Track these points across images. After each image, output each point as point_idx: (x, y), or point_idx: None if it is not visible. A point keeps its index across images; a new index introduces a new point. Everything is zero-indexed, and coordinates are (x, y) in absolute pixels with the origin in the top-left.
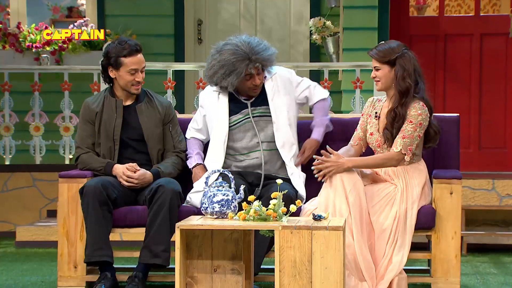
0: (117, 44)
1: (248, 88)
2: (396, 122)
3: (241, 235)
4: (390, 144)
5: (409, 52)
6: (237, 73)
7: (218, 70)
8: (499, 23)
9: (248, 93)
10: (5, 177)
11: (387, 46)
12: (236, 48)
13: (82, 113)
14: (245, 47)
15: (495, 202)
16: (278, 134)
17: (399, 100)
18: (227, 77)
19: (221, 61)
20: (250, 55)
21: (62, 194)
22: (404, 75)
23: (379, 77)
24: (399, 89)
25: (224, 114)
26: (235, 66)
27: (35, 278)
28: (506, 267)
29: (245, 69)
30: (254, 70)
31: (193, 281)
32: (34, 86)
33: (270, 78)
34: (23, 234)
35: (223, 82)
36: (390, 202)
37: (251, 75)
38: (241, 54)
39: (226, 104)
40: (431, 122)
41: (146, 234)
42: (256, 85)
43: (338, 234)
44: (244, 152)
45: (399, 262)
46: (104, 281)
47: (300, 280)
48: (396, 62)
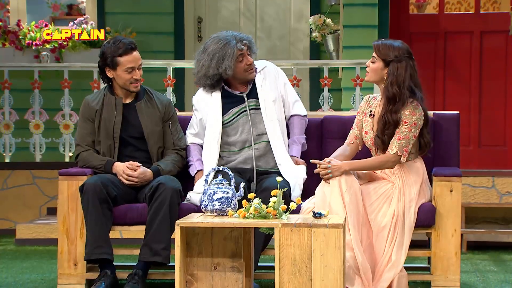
0: (112, 44)
1: (244, 70)
2: (386, 130)
3: (241, 233)
4: (381, 150)
5: (410, 61)
6: (230, 55)
7: (210, 63)
8: (499, 20)
9: (246, 77)
10: (5, 175)
11: (390, 43)
12: (217, 37)
13: (82, 111)
14: (224, 34)
15: (495, 200)
16: (268, 127)
17: (387, 106)
18: (221, 64)
19: (209, 54)
20: (233, 36)
21: (62, 191)
22: (393, 82)
23: (370, 69)
24: (386, 94)
25: (217, 112)
26: (225, 49)
27: (35, 275)
28: (506, 265)
29: (235, 48)
30: (244, 47)
31: (193, 279)
32: (34, 83)
33: (259, 72)
34: (23, 231)
35: (220, 69)
36: (387, 200)
37: (242, 55)
38: (225, 38)
39: (219, 101)
40: (424, 133)
41: (146, 232)
42: (250, 64)
43: (338, 232)
44: (241, 147)
45: (398, 260)
46: (104, 278)
47: (300, 277)
48: (390, 64)
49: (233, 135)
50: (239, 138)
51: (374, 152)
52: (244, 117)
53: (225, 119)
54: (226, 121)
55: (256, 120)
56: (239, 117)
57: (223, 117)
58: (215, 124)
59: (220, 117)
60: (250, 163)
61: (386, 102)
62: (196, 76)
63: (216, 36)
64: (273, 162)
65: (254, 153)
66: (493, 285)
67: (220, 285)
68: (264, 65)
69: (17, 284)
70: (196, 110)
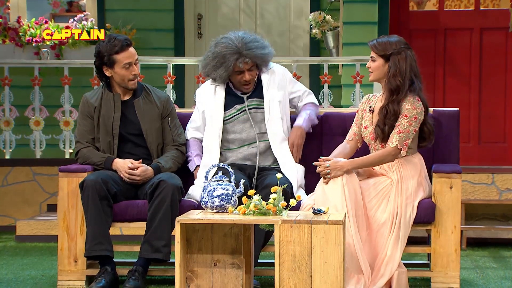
0: (107, 43)
1: (238, 83)
2: (387, 119)
3: (241, 229)
4: (381, 140)
5: (408, 51)
6: (226, 66)
7: (210, 61)
8: (499, 17)
9: (239, 88)
10: (5, 172)
11: (386, 39)
12: (229, 42)
13: (81, 109)
14: (238, 42)
15: (494, 196)
16: (270, 126)
17: (389, 97)
18: (217, 69)
19: (214, 53)
20: (241, 50)
21: (62, 188)
22: (396, 73)
23: (373, 68)
24: (389, 86)
25: (219, 108)
26: (225, 58)
27: (35, 272)
28: (505, 261)
29: (234, 63)
30: (243, 65)
31: (193, 275)
32: (34, 80)
33: (266, 71)
34: (23, 228)
35: (213, 74)
36: (386, 196)
37: (241, 71)
38: (232, 48)
39: (222, 98)
40: (426, 121)
41: (147, 229)
42: (247, 81)
43: (338, 228)
44: (241, 144)
45: (394, 255)
46: (104, 275)
47: (300, 274)
48: (390, 58)
49: (232, 133)
50: (237, 136)
51: (373, 146)
52: (244, 115)
53: (226, 116)
54: (226, 118)
55: (258, 119)
56: (237, 116)
57: (225, 113)
58: (217, 120)
59: (221, 113)
60: (252, 161)
61: (389, 94)
62: (200, 64)
63: (229, 39)
64: (272, 159)
65: (258, 150)
66: (492, 281)
67: (220, 282)
68: (271, 66)
69: (17, 280)
70: (199, 102)
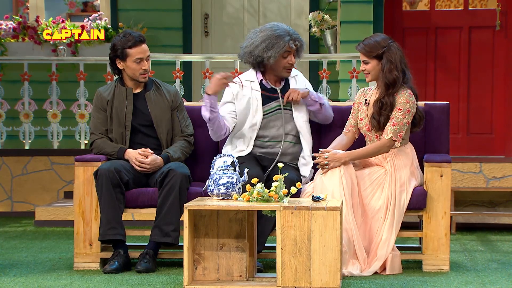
0: (122, 37)
1: (283, 67)
2: (383, 111)
3: (245, 215)
4: (376, 131)
5: (395, 44)
6: (279, 46)
7: (260, 44)
8: (487, 16)
9: (282, 73)
10: (25, 161)
11: (373, 40)
12: (276, 26)
13: (94, 102)
14: (283, 27)
15: (482, 184)
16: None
17: (386, 91)
18: (268, 50)
19: (263, 36)
20: (291, 33)
21: (78, 176)
22: (391, 68)
23: (368, 70)
24: (385, 81)
25: (259, 103)
26: (279, 39)
27: (53, 255)
28: (492, 245)
29: (287, 43)
30: (294, 46)
31: (200, 258)
32: (52, 75)
33: (293, 77)
34: (42, 214)
35: (265, 54)
36: (381, 185)
37: (289, 52)
38: (282, 30)
39: (259, 94)
40: (417, 108)
41: (157, 215)
42: (292, 64)
43: (336, 214)
44: (268, 140)
45: (389, 238)
46: (117, 258)
47: (300, 257)
48: (383, 56)
49: (266, 128)
50: (268, 133)
51: (369, 136)
52: (278, 114)
53: (265, 110)
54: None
55: (290, 118)
56: (272, 113)
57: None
58: (257, 114)
59: (261, 108)
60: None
61: (385, 88)
62: (243, 51)
63: (276, 25)
64: (290, 157)
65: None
66: (480, 263)
67: (226, 264)
68: (296, 73)
69: (36, 262)
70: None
